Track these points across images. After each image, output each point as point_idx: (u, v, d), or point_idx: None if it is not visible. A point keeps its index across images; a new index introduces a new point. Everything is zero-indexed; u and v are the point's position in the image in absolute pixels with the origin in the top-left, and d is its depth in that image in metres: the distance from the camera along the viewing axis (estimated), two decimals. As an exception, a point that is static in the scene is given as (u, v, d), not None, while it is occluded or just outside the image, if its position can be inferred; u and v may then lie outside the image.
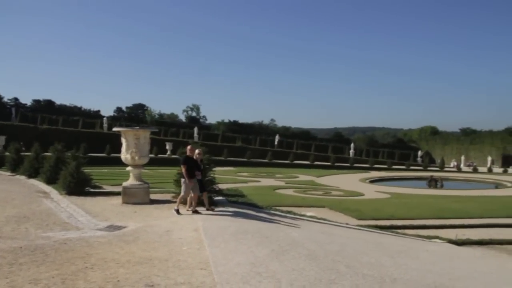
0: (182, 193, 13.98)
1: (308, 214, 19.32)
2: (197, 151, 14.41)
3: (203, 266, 7.83)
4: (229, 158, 58.19)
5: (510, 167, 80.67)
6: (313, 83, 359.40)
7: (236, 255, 8.69)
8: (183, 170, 13.72)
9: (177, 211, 13.60)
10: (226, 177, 33.78)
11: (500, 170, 71.56)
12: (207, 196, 14.47)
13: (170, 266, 7.91)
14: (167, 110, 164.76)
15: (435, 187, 41.99)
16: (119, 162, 20.53)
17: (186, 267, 7.82)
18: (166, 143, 58.85)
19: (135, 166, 16.92)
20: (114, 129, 19.09)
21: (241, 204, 17.15)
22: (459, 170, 71.90)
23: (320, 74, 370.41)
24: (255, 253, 8.95)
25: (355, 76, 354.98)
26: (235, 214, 13.83)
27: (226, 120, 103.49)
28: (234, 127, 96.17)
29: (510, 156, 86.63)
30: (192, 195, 13.81)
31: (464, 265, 12.84)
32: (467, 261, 13.46)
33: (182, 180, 13.98)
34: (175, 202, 14.67)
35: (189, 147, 14.53)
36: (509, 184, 44.22)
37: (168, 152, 57.22)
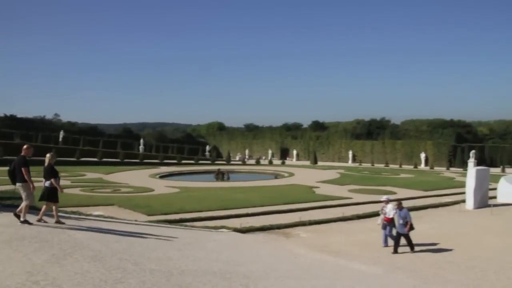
0: None
1: (96, 213, 18.44)
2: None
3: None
4: (5, 157, 52.33)
5: (287, 158, 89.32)
6: (101, 77, 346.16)
7: (9, 265, 7.68)
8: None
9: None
10: None
11: (279, 162, 78.64)
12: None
13: None
14: None
15: (222, 179, 44.01)
16: None
17: None
18: None
19: None
20: None
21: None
22: (244, 163, 76.75)
23: (106, 68, 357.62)
24: (33, 260, 8.03)
25: (142, 72, 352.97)
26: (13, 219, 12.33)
27: (1, 114, 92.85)
28: (11, 122, 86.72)
29: (287, 149, 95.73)
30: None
31: (248, 250, 13.58)
32: (251, 247, 14.28)
33: None
34: None
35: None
36: (286, 174, 48.76)
37: None
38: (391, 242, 15.23)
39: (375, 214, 21.79)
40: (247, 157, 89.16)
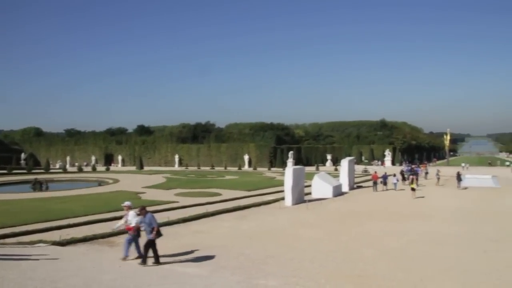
0: None
1: None
2: None
3: None
4: None
5: (112, 165, 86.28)
6: None
7: None
8: None
9: None
10: None
11: (104, 168, 75.52)
12: None
13: None
14: None
15: (40, 189, 40.75)
16: None
17: None
18: None
19: None
20: None
21: None
22: (64, 170, 72.07)
23: None
24: None
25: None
26: None
27: None
28: None
29: (112, 155, 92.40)
30: None
31: (68, 264, 12.74)
32: (71, 260, 13.42)
33: None
34: None
35: None
36: (111, 181, 47.07)
37: None
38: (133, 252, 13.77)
39: (201, 217, 22.27)
40: (68, 164, 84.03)
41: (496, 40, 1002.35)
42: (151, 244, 12.87)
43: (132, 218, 13.62)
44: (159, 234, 13.01)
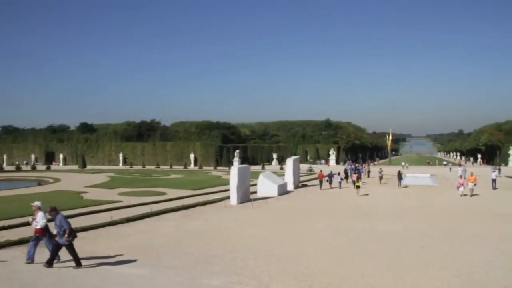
0: None
1: None
2: None
3: None
4: None
5: (54, 163, 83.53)
6: None
7: None
8: None
9: None
10: None
11: (44, 167, 73.01)
12: None
13: None
14: None
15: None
16: None
17: None
18: None
19: None
20: None
21: None
22: (1, 169, 69.13)
23: None
24: None
25: None
26: None
27: None
28: None
29: (53, 153, 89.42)
30: None
31: (2, 268, 12.21)
32: (6, 264, 12.86)
33: None
34: None
35: None
36: (51, 180, 45.57)
37: None
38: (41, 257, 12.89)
39: (145, 216, 21.91)
40: (5, 163, 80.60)
41: (435, 43, 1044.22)
42: (67, 248, 12.22)
43: (40, 219, 12.75)
44: (73, 236, 12.32)
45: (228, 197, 28.48)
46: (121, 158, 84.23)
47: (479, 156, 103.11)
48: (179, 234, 18.01)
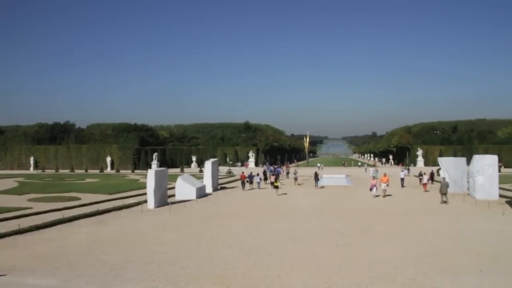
0: None
1: None
2: None
3: None
4: None
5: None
6: None
7: None
8: None
9: None
10: None
11: None
12: None
13: None
14: None
15: None
16: None
17: None
18: None
19: None
20: None
21: None
22: None
23: None
24: None
25: None
26: None
27: None
28: None
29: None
30: None
31: None
32: None
33: None
34: None
35: None
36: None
37: None
38: None
39: (57, 223, 20.98)
40: None
41: (351, 47, 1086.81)
42: None
43: None
44: None
45: (145, 201, 27.91)
46: (32, 162, 80.00)
47: (390, 157, 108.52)
48: (93, 241, 17.37)
